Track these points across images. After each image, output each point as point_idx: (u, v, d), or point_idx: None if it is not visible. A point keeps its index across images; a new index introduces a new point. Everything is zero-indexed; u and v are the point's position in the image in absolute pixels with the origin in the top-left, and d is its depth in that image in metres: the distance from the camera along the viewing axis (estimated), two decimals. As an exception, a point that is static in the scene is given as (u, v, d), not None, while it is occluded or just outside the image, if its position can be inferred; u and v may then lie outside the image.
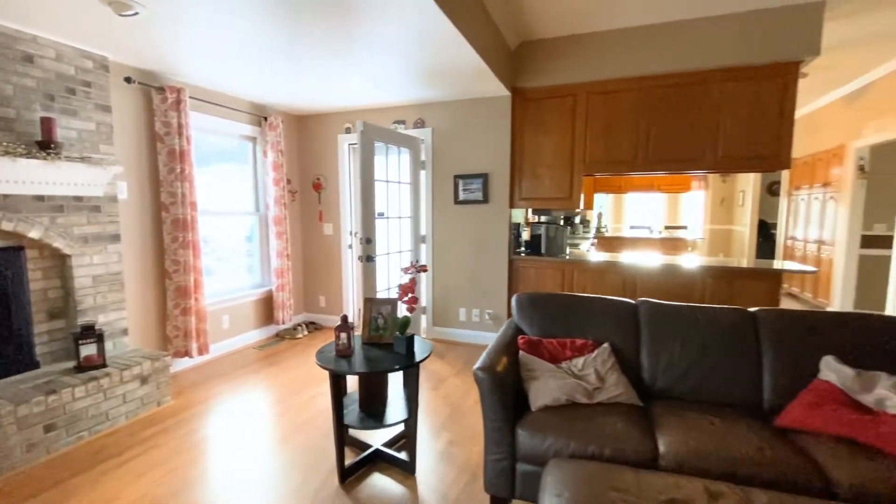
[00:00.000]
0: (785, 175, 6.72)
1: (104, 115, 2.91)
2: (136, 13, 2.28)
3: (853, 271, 4.97)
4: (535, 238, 4.24)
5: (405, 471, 2.23)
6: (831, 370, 1.87)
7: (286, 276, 4.49)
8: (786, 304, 6.14)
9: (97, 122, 2.87)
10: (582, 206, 4.07)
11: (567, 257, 4.02)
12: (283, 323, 4.50)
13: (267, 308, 4.50)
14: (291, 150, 4.79)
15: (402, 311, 2.35)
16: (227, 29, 2.53)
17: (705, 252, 9.48)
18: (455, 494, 2.05)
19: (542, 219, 5.13)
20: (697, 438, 1.64)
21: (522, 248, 4.40)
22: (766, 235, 7.95)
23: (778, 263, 3.54)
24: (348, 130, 4.63)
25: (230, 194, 4.26)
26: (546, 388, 1.92)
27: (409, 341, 2.20)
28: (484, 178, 4.11)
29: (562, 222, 7.23)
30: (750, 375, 2.01)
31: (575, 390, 1.91)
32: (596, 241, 7.38)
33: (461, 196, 4.22)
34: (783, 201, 6.78)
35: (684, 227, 8.90)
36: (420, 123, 4.33)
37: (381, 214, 3.84)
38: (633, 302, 2.33)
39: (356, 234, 4.75)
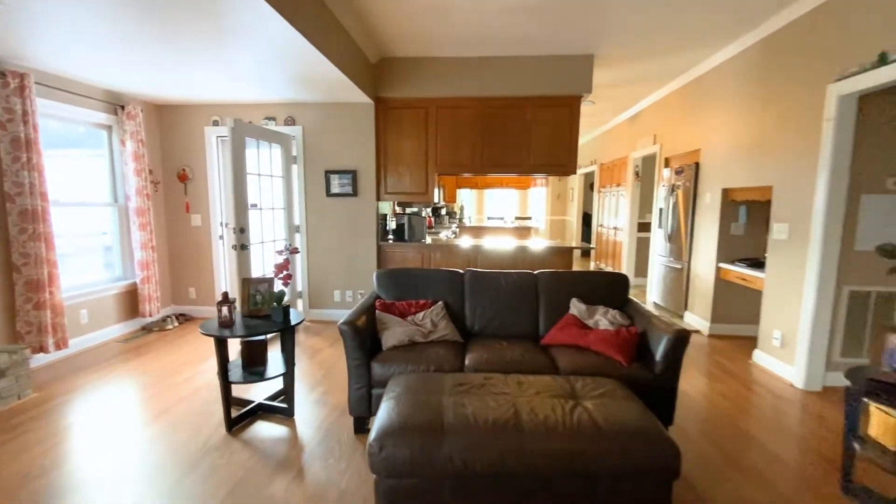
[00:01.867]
0: (597, 175, 8.56)
1: (-69, 98, 2.73)
2: (-13, 6, 2.30)
3: (633, 248, 6.77)
4: (399, 227, 4.96)
5: (285, 415, 2.74)
6: (575, 307, 2.91)
7: (151, 268, 4.45)
8: (597, 276, 7.90)
9: (-78, 106, 2.69)
10: (438, 200, 4.89)
11: (427, 242, 4.81)
12: (151, 315, 4.47)
13: (131, 301, 4.42)
14: (153, 140, 4.70)
15: (278, 287, 2.82)
16: (74, 21, 2.56)
17: (546, 237, 11.35)
18: (327, 425, 2.63)
19: (408, 210, 5.87)
20: (489, 354, 2.50)
21: (390, 236, 5.08)
22: (588, 224, 9.96)
23: (570, 243, 4.80)
24: (216, 123, 4.73)
25: (86, 185, 4.08)
26: (394, 334, 2.61)
27: (286, 311, 2.69)
28: (353, 173, 4.66)
29: (429, 214, 8.12)
30: (532, 316, 2.98)
31: (415, 334, 2.64)
32: (458, 229, 8.46)
33: (333, 189, 4.71)
34: (596, 197, 8.64)
35: (529, 218, 10.59)
36: (291, 121, 4.68)
37: (254, 206, 4.13)
38: (461, 271, 3.16)
39: (227, 224, 4.90)
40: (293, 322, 2.67)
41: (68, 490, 2.03)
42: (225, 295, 2.59)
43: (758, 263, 3.87)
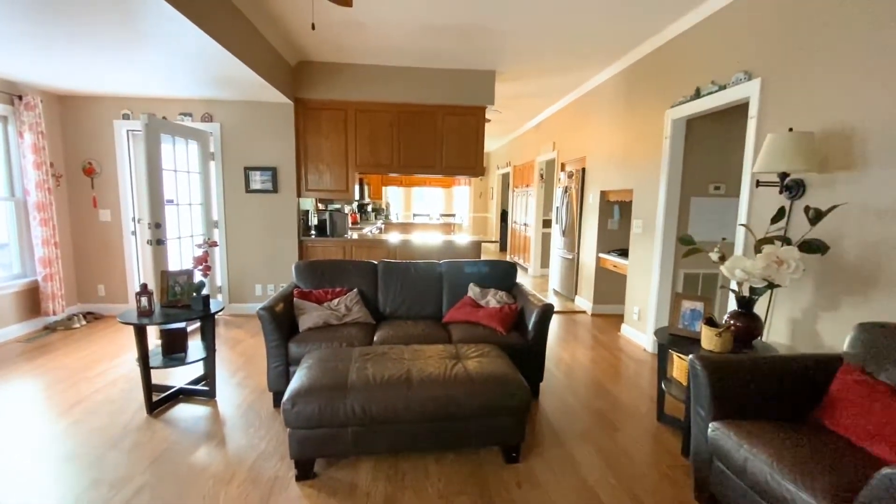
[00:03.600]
0: (511, 176, 9.32)
1: None
2: None
3: (539, 242, 7.57)
4: (322, 223, 5.20)
5: (207, 397, 2.94)
6: (471, 290, 3.42)
7: (55, 265, 4.30)
8: (511, 268, 8.66)
9: None
10: (364, 197, 5.20)
11: (349, 237, 5.11)
12: (55, 314, 4.32)
13: (31, 300, 4.23)
14: (55, 132, 4.50)
15: (198, 278, 3.00)
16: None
17: (469, 233, 12.02)
18: (248, 403, 2.89)
19: (330, 207, 6.09)
20: (396, 331, 2.92)
21: (313, 231, 5.30)
22: (505, 220, 10.76)
23: (481, 237, 5.38)
24: (127, 117, 4.65)
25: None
26: (310, 317, 2.93)
27: (205, 300, 2.90)
28: (273, 170, 4.83)
29: (354, 210, 8.34)
30: (436, 299, 3.45)
31: (330, 317, 2.98)
32: (384, 225, 8.79)
33: (252, 185, 4.84)
34: (511, 195, 9.41)
35: (453, 215, 11.19)
36: (208, 118, 4.73)
37: (170, 201, 4.17)
38: (375, 262, 3.54)
39: (141, 220, 4.82)
40: (213, 310, 2.89)
41: (-16, 473, 2.12)
42: (144, 286, 2.74)
43: (625, 253, 4.69)
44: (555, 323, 4.90)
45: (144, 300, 2.72)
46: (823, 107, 2.33)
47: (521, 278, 7.58)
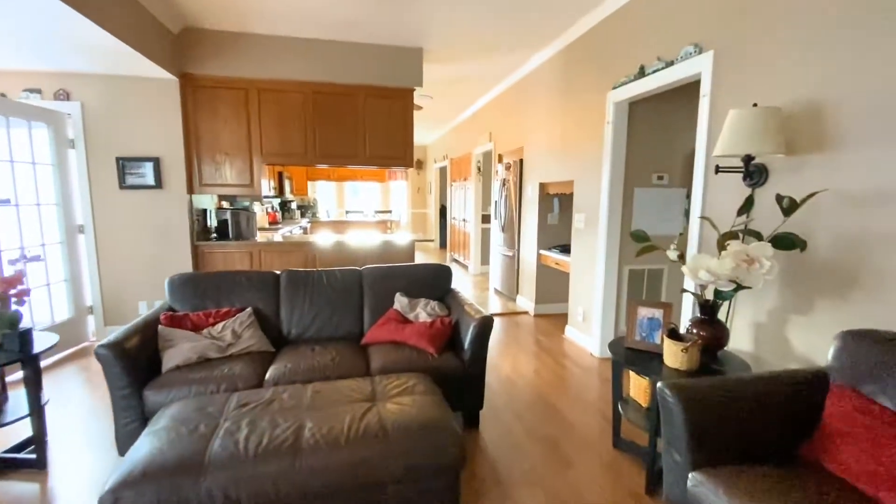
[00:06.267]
0: (448, 170, 8.86)
1: None
2: None
3: (479, 239, 7.17)
4: (221, 224, 4.38)
5: (35, 469, 2.14)
6: (398, 302, 2.87)
7: None
8: (453, 266, 8.22)
9: None
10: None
11: (259, 241, 4.34)
12: None
13: None
14: None
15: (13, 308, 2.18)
16: None
17: (409, 230, 11.44)
18: (95, 476, 2.13)
19: (240, 205, 5.24)
20: (297, 362, 2.29)
21: (214, 234, 4.46)
22: (444, 217, 10.30)
23: (410, 237, 4.84)
24: (-59, 92, 3.54)
25: None
26: (179, 351, 2.22)
27: (24, 337, 2.09)
28: (155, 161, 3.94)
29: (275, 208, 7.46)
30: (356, 314, 2.85)
31: (208, 349, 2.29)
32: (310, 224, 7.96)
33: (129, 180, 3.92)
34: (449, 190, 8.94)
35: (390, 212, 10.54)
36: (64, 96, 3.74)
37: (5, 201, 3.21)
38: (277, 272, 2.87)
39: (-28, 226, 3.73)
40: (36, 350, 2.09)
41: None
42: (-85, 324, 1.89)
43: (568, 249, 4.37)
44: (496, 327, 4.48)
45: (-84, 344, 1.88)
46: (786, 83, 2.03)
47: (462, 277, 7.14)
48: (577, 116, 3.88)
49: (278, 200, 7.95)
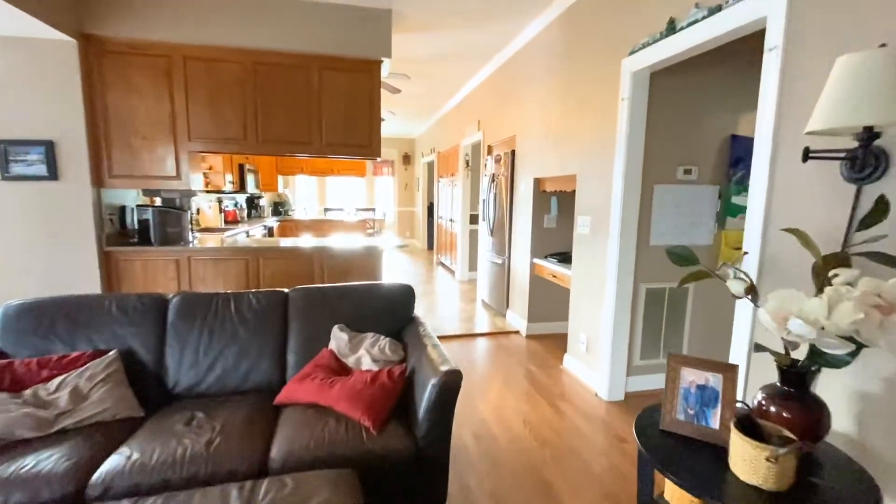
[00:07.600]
0: (435, 165, 8.05)
1: None
2: None
3: (467, 241, 6.38)
4: (142, 224, 3.55)
5: None
6: (335, 338, 2.08)
7: None
8: (440, 271, 7.44)
9: None
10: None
11: (191, 245, 3.53)
12: None
13: None
14: None
15: None
16: None
17: (394, 230, 10.65)
18: None
19: (157, 202, 4.41)
20: (151, 449, 1.48)
21: (134, 238, 3.64)
22: (432, 215, 9.49)
23: (379, 243, 4.04)
24: None
25: None
26: (-38, 432, 1.42)
27: None
28: (48, 145, 3.11)
29: (239, 205, 6.64)
30: (276, 357, 2.06)
31: (18, 425, 1.49)
32: (279, 224, 7.13)
33: (13, 169, 3.09)
34: (436, 187, 8.15)
35: (373, 210, 9.72)
36: (-75, 59, 2.91)
37: None
38: (165, 296, 2.07)
39: None
40: None
41: None
42: None
43: (568, 258, 3.58)
44: (480, 352, 3.70)
45: None
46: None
47: (448, 283, 6.35)
48: (582, 94, 3.09)
49: (244, 197, 7.13)
